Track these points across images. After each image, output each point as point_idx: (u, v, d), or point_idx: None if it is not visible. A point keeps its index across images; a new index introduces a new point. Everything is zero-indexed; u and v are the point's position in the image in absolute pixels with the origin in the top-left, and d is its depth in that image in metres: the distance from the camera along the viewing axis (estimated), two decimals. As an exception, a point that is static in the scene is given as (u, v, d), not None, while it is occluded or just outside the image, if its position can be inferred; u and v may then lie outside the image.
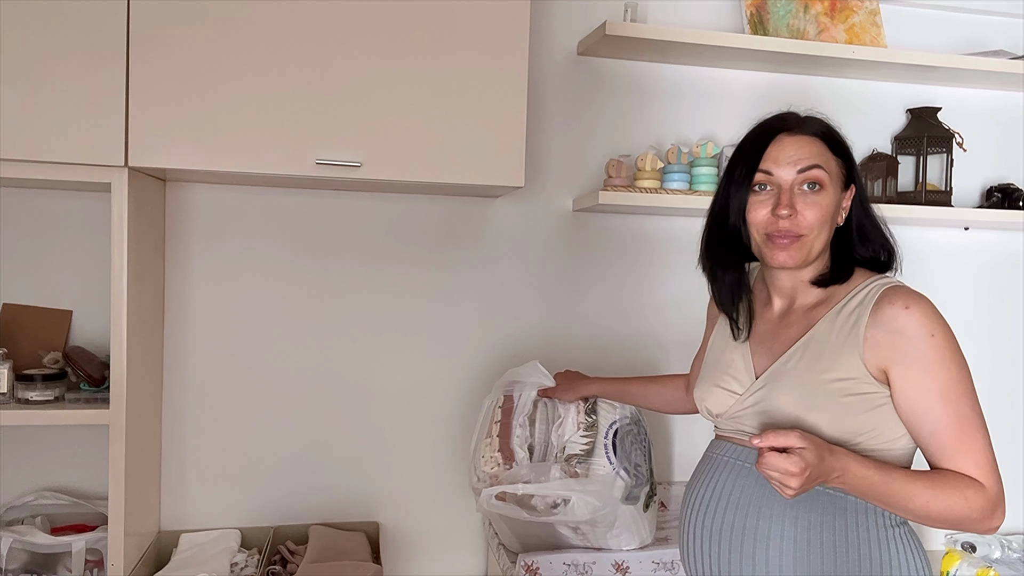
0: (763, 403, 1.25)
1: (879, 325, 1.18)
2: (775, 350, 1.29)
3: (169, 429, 1.98)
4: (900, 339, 1.16)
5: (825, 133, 1.27)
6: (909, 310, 1.17)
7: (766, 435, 1.09)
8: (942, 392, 1.15)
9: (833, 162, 1.26)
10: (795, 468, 1.06)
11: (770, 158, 1.25)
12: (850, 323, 1.21)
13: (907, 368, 1.16)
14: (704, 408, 1.38)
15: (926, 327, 1.16)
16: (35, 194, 1.88)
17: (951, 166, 2.27)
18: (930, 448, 1.18)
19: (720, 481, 1.28)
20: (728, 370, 1.34)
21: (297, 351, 2.04)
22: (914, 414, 1.17)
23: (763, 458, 1.09)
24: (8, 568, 1.74)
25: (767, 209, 1.24)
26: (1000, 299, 2.43)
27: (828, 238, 1.26)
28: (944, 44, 2.33)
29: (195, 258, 1.97)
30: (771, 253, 1.25)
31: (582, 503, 1.63)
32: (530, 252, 2.15)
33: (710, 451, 1.37)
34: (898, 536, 1.21)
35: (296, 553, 1.90)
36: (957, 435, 1.15)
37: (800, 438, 1.08)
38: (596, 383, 1.81)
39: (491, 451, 1.73)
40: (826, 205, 1.23)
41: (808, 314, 1.28)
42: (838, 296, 1.26)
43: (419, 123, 1.73)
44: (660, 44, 2.00)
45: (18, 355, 1.79)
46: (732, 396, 1.31)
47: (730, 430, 1.33)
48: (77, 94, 1.58)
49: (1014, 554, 2.24)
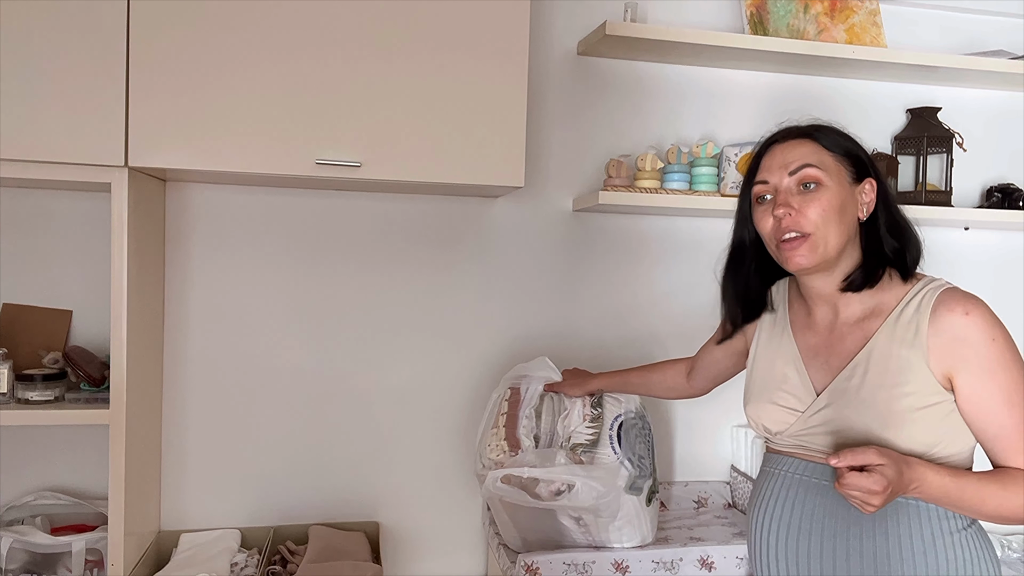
0: (833, 423, 1.24)
1: (941, 333, 1.18)
2: (832, 364, 1.27)
3: (169, 429, 1.98)
4: (963, 346, 1.17)
5: (818, 133, 1.28)
6: (970, 316, 1.17)
7: (843, 455, 1.10)
8: (1007, 396, 1.17)
9: (829, 158, 1.25)
10: (877, 487, 1.07)
11: (764, 168, 1.28)
12: (911, 333, 1.20)
13: (972, 374, 1.17)
14: (760, 426, 1.36)
15: (987, 332, 1.17)
16: (35, 194, 1.88)
17: (951, 166, 2.27)
18: (995, 450, 1.20)
19: (798, 500, 1.27)
20: (783, 386, 1.32)
21: (297, 351, 2.04)
22: (979, 418, 1.19)
23: (844, 478, 1.09)
24: (8, 568, 1.74)
25: (771, 217, 1.25)
26: (1000, 299, 2.41)
27: (845, 233, 1.24)
28: (944, 44, 2.33)
29: (195, 258, 1.97)
30: (786, 258, 1.25)
31: (587, 488, 1.64)
32: (530, 252, 2.15)
33: (773, 467, 1.35)
34: (971, 537, 1.23)
35: (296, 553, 1.90)
36: (1022, 436, 1.17)
37: (878, 455, 1.09)
38: (601, 378, 1.83)
39: (497, 439, 1.74)
40: (827, 200, 1.22)
41: (861, 325, 1.26)
42: (889, 304, 1.25)
43: (419, 123, 1.73)
44: (660, 44, 2.00)
45: (18, 355, 1.79)
46: (792, 414, 1.30)
47: (791, 446, 1.31)
48: (77, 94, 1.58)
49: (1014, 554, 2.23)
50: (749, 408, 1.39)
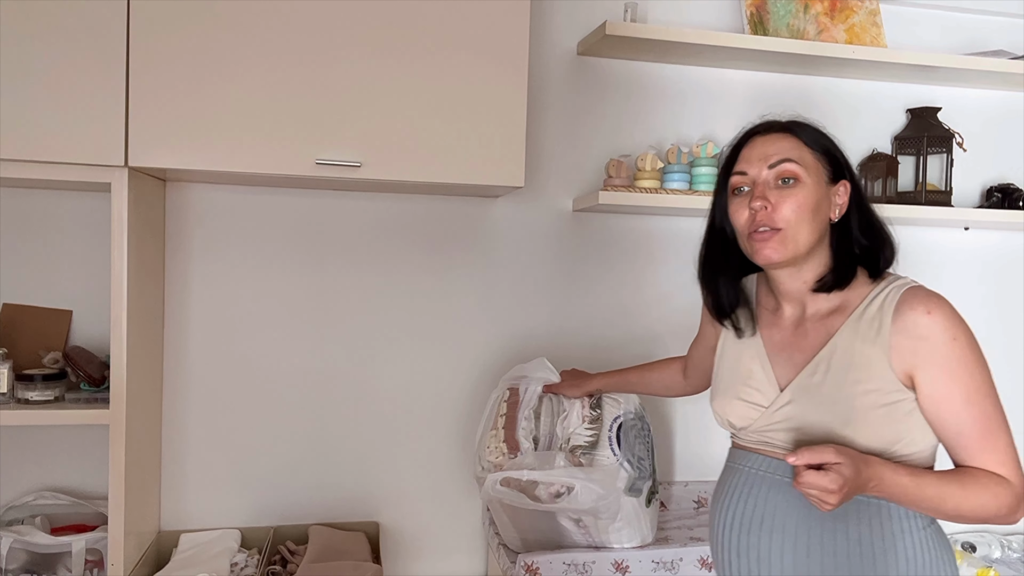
0: (794, 419, 1.24)
1: (902, 331, 1.18)
2: (796, 360, 1.27)
3: (169, 429, 1.98)
4: (924, 344, 1.17)
5: (800, 129, 1.27)
6: (931, 315, 1.17)
7: (801, 453, 1.10)
8: (967, 395, 1.17)
9: (809, 156, 1.25)
10: (833, 485, 1.07)
11: (743, 159, 1.28)
12: (873, 331, 1.20)
13: (932, 373, 1.17)
14: (726, 421, 1.36)
15: (948, 331, 1.17)
16: (35, 194, 1.88)
17: (951, 166, 2.27)
18: (956, 448, 1.20)
19: (760, 497, 1.27)
20: (748, 382, 1.32)
21: (297, 351, 2.04)
22: (940, 417, 1.18)
23: (800, 476, 1.09)
24: (8, 568, 1.74)
25: (746, 209, 1.25)
26: (1000, 299, 2.43)
27: (816, 231, 1.24)
28: (944, 44, 2.33)
29: (195, 258, 1.97)
30: (755, 250, 1.24)
31: (586, 491, 1.64)
32: (530, 252, 2.15)
33: (737, 463, 1.35)
34: (931, 536, 1.23)
35: (296, 553, 1.90)
36: (982, 435, 1.17)
37: (836, 453, 1.09)
38: (599, 378, 1.83)
39: (496, 441, 1.74)
40: (802, 197, 1.22)
41: (825, 322, 1.26)
42: (854, 301, 1.25)
43: (419, 123, 1.73)
44: (660, 44, 2.00)
45: (18, 355, 1.79)
46: (756, 409, 1.29)
47: (755, 442, 1.31)
48: (77, 94, 1.58)
49: (1014, 554, 2.24)
50: (715, 403, 1.39)
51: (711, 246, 1.35)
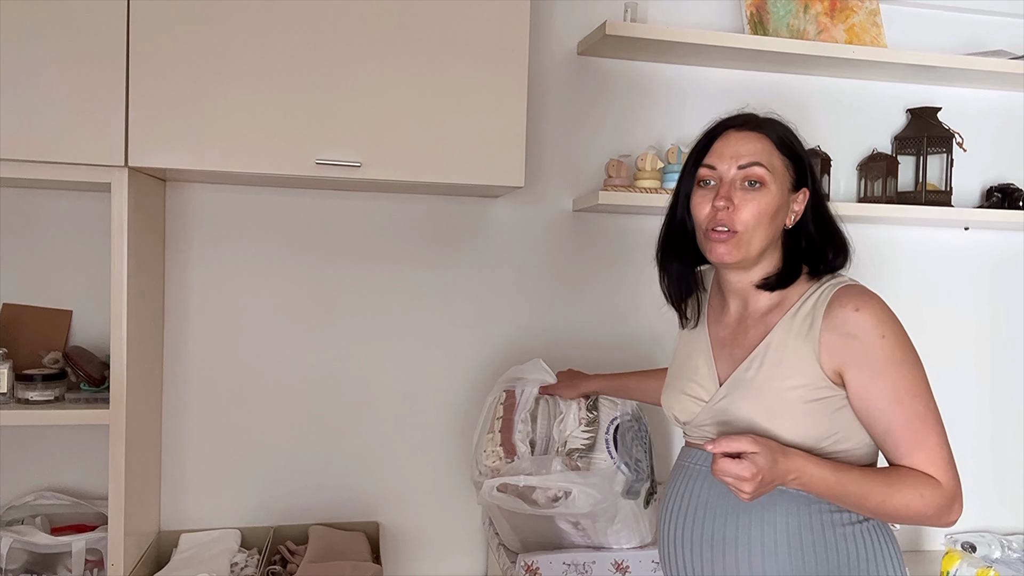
0: (726, 412, 1.26)
1: (832, 329, 1.19)
2: (736, 356, 1.29)
3: (169, 429, 1.98)
4: (853, 342, 1.17)
5: (773, 131, 1.27)
6: (860, 312, 1.18)
7: (718, 441, 1.11)
8: (894, 393, 1.17)
9: (779, 161, 1.25)
10: (746, 473, 1.08)
11: (715, 153, 1.26)
12: (805, 327, 1.22)
13: (860, 370, 1.17)
14: (672, 415, 1.38)
15: (877, 328, 1.17)
16: (35, 194, 1.88)
17: (951, 166, 2.27)
18: (886, 447, 1.20)
19: (694, 490, 1.28)
20: (694, 377, 1.34)
21: (297, 351, 2.04)
22: (869, 415, 1.19)
23: (716, 464, 1.11)
24: (8, 568, 1.74)
25: (709, 203, 1.25)
26: (1000, 299, 2.43)
27: (770, 237, 1.25)
28: (944, 44, 2.33)
29: (195, 258, 1.97)
30: (710, 247, 1.25)
31: (583, 495, 1.64)
32: (530, 252, 2.15)
33: (681, 459, 1.37)
34: (867, 530, 1.22)
35: (296, 553, 1.90)
36: (912, 434, 1.17)
37: (751, 443, 1.10)
38: (596, 380, 1.82)
39: (493, 445, 1.73)
40: (765, 203, 1.22)
41: (764, 319, 1.28)
42: (791, 300, 1.26)
43: (419, 123, 1.73)
44: (660, 44, 2.00)
45: (18, 355, 1.79)
46: (698, 404, 1.31)
47: (698, 437, 1.33)
48: (77, 94, 1.58)
49: (1014, 554, 2.23)
50: (663, 397, 1.41)
51: (669, 230, 1.35)
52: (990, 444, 2.40)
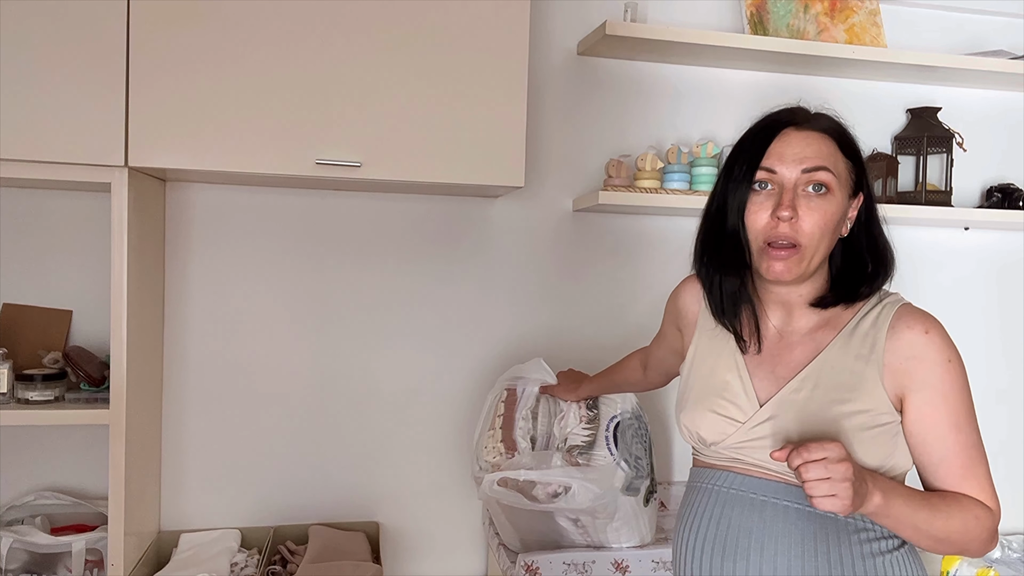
0: (776, 436, 1.15)
1: (897, 351, 1.13)
2: (779, 374, 1.18)
3: (169, 429, 1.98)
4: (920, 366, 1.12)
5: (837, 131, 1.17)
6: (929, 335, 1.12)
7: (799, 450, 1.00)
8: (955, 421, 1.12)
9: (843, 165, 1.15)
10: (849, 474, 0.98)
11: (774, 154, 1.14)
12: (866, 349, 1.14)
13: (923, 395, 1.12)
14: (695, 435, 1.24)
15: (943, 352, 1.12)
16: (35, 194, 1.88)
17: (951, 166, 2.27)
18: (937, 474, 1.14)
19: (734, 518, 1.17)
20: (724, 394, 1.21)
21: (297, 351, 2.04)
22: (926, 441, 1.13)
23: (806, 471, 0.98)
24: (8, 568, 1.74)
25: (767, 212, 1.13)
26: (1000, 299, 2.43)
27: (829, 249, 1.15)
28: (944, 44, 2.33)
29: (195, 258, 1.97)
30: (767, 264, 1.14)
31: (583, 490, 1.64)
32: (530, 252, 2.15)
33: (702, 482, 1.24)
34: (904, 556, 1.17)
35: (296, 553, 1.91)
36: (965, 463, 1.12)
37: (841, 448, 1.00)
38: (590, 383, 1.80)
39: (494, 441, 1.74)
40: (831, 212, 1.12)
41: (813, 336, 1.19)
42: (844, 317, 1.18)
43: (419, 123, 1.73)
44: (660, 44, 2.00)
45: (18, 355, 1.79)
46: (732, 424, 1.19)
47: (725, 459, 1.21)
48: (77, 94, 1.58)
49: (1014, 554, 2.23)
50: (684, 415, 1.26)
51: (718, 238, 1.20)
52: (989, 444, 2.39)
